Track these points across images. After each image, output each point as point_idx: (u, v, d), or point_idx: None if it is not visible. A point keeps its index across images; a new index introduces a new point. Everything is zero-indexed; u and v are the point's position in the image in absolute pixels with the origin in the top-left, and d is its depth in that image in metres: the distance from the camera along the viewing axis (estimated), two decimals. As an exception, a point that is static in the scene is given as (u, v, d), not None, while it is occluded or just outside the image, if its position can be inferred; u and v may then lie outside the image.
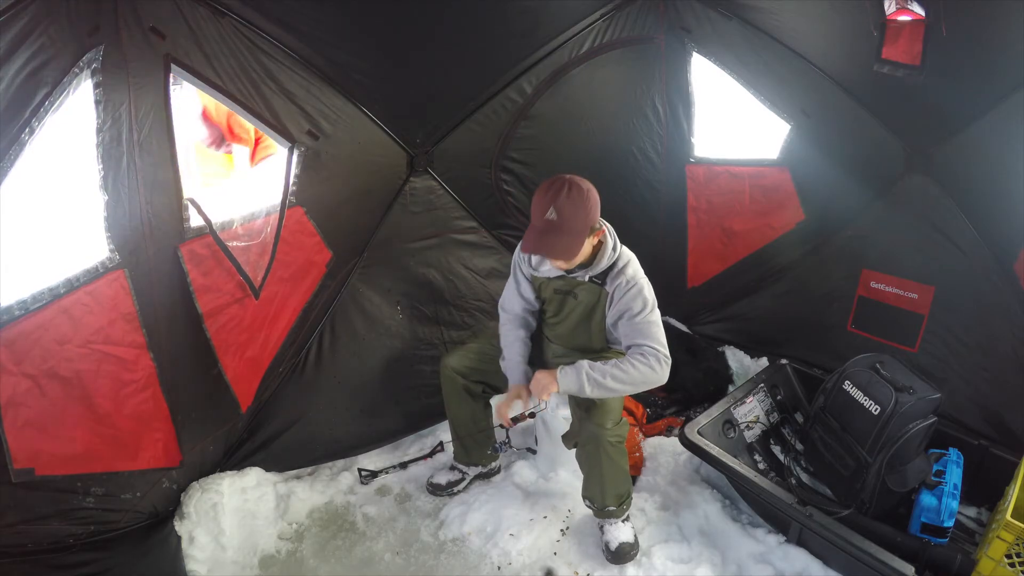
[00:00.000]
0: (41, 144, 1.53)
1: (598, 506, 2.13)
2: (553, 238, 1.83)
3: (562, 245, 1.84)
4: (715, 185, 3.02)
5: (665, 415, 2.86)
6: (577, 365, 1.91)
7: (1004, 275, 2.27)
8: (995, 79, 2.01)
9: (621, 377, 1.86)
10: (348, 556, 2.21)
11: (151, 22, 1.73)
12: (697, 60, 2.82)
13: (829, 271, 2.83)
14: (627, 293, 1.94)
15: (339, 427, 2.59)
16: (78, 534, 1.87)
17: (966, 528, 2.20)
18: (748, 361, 3.10)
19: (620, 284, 1.95)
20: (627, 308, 1.93)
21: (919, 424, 2.06)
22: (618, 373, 1.86)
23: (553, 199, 1.81)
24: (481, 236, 2.92)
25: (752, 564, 2.07)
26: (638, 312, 1.92)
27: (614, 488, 2.08)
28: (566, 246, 1.85)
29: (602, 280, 2.00)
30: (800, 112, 2.64)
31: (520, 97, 2.68)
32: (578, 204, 1.82)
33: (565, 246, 1.85)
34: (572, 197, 1.81)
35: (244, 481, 2.28)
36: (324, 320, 2.56)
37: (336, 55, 2.18)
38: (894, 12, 2.08)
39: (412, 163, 2.60)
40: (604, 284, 1.99)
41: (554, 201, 1.80)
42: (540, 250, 1.87)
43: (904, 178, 2.46)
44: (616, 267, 1.98)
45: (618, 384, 1.87)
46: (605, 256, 1.96)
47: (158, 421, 2.04)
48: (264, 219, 2.20)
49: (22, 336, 1.60)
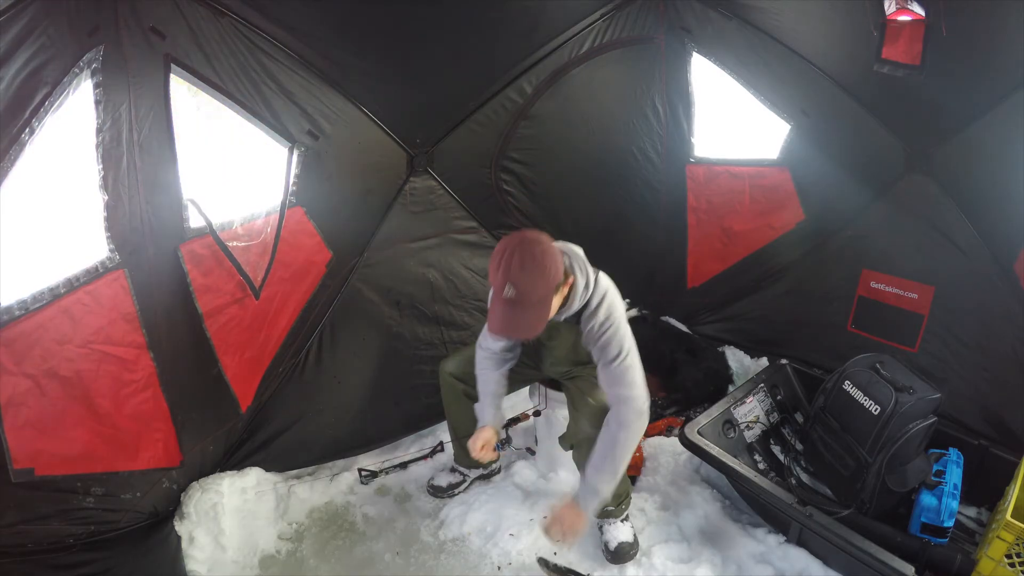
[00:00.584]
0: (41, 144, 1.53)
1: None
2: (517, 315, 1.68)
3: (527, 321, 1.70)
4: (715, 185, 3.02)
5: (665, 415, 2.86)
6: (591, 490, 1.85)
7: (1004, 275, 2.27)
8: (995, 79, 2.01)
9: (620, 464, 1.85)
10: (348, 556, 2.21)
11: (151, 22, 1.73)
12: (697, 60, 2.82)
13: (829, 271, 2.83)
14: (601, 337, 1.84)
15: (339, 427, 2.59)
16: (78, 534, 1.86)
17: (966, 528, 2.20)
18: (748, 361, 3.10)
19: (593, 327, 1.84)
20: (602, 354, 1.86)
21: (919, 424, 2.06)
22: (617, 464, 1.84)
23: (506, 276, 1.63)
24: (481, 236, 2.92)
25: (752, 564, 2.07)
26: (612, 359, 1.83)
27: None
28: (532, 321, 1.70)
29: (577, 319, 1.91)
30: (800, 112, 2.64)
31: (520, 97, 2.68)
32: (534, 274, 1.63)
33: (531, 321, 1.70)
34: (526, 268, 1.62)
35: (244, 481, 2.28)
36: (324, 320, 2.56)
37: (336, 55, 2.18)
38: (894, 12, 2.08)
39: (412, 163, 2.60)
40: (579, 323, 1.89)
41: (508, 277, 1.63)
42: (506, 332, 1.74)
43: (904, 178, 2.46)
44: (590, 306, 1.85)
45: (623, 464, 1.86)
46: (576, 298, 1.83)
47: (158, 421, 2.04)
48: (264, 219, 2.20)
49: (22, 336, 1.60)
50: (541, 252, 1.66)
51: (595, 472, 1.86)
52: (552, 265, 1.67)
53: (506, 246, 1.66)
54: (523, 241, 1.66)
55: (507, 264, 1.63)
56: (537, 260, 1.64)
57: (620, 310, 1.88)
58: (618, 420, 1.83)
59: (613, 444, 1.83)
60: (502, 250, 1.66)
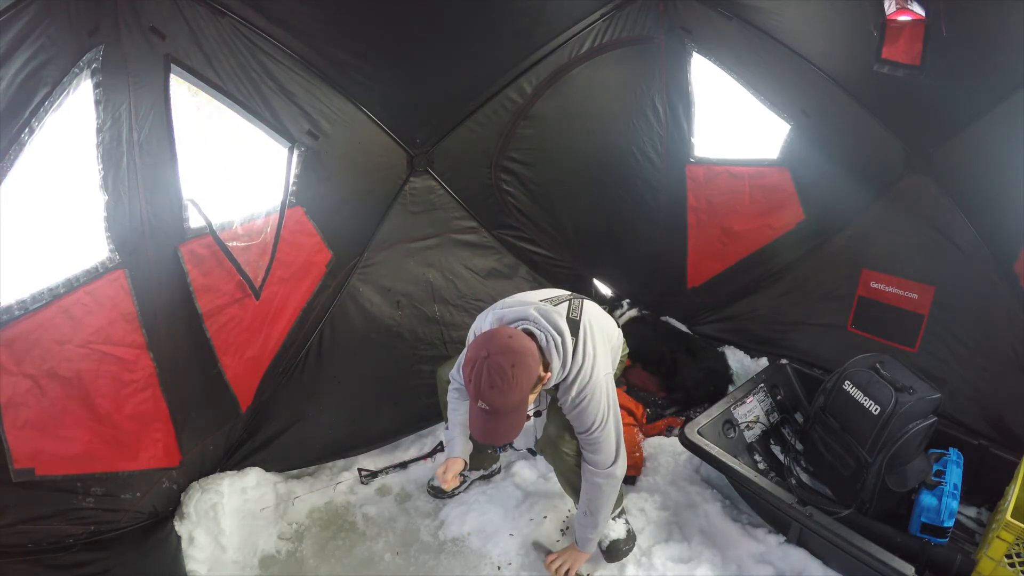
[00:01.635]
0: (41, 144, 1.53)
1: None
2: (495, 424, 1.68)
3: (505, 428, 1.70)
4: (715, 185, 3.02)
5: (665, 415, 2.86)
6: (584, 538, 2.01)
7: (1004, 275, 2.27)
8: (995, 79, 2.00)
9: (600, 518, 1.96)
10: (348, 556, 2.21)
11: (151, 22, 1.74)
12: (697, 60, 2.81)
13: (829, 271, 2.82)
14: (574, 410, 1.83)
15: (339, 427, 2.59)
16: (78, 534, 1.86)
17: (966, 528, 2.20)
18: (748, 361, 3.10)
19: (566, 402, 1.84)
20: (578, 424, 1.86)
21: (919, 424, 2.05)
22: (597, 519, 1.96)
23: (475, 392, 1.63)
24: (481, 236, 2.92)
25: (752, 564, 2.07)
26: (586, 430, 1.85)
27: None
28: (509, 426, 1.70)
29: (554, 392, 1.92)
30: (800, 112, 2.64)
31: (520, 97, 2.68)
32: (504, 390, 1.61)
33: (508, 427, 1.70)
34: (497, 387, 1.60)
35: (244, 481, 2.28)
36: (324, 320, 2.56)
37: (336, 55, 2.18)
38: (894, 12, 2.08)
39: (412, 163, 2.60)
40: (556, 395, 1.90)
41: (478, 394, 1.63)
42: (487, 439, 1.73)
43: (904, 178, 2.45)
44: (566, 382, 1.82)
45: (603, 517, 1.97)
46: (553, 378, 1.79)
47: (158, 421, 2.04)
48: (264, 219, 2.20)
49: (22, 336, 1.60)
50: (510, 366, 1.61)
51: (581, 527, 2.00)
52: (523, 375, 1.63)
53: (475, 356, 1.63)
54: (491, 354, 1.61)
55: (477, 381, 1.61)
56: (506, 376, 1.60)
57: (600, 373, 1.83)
58: (591, 481, 1.91)
59: (589, 502, 1.95)
60: (472, 360, 1.63)
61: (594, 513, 1.95)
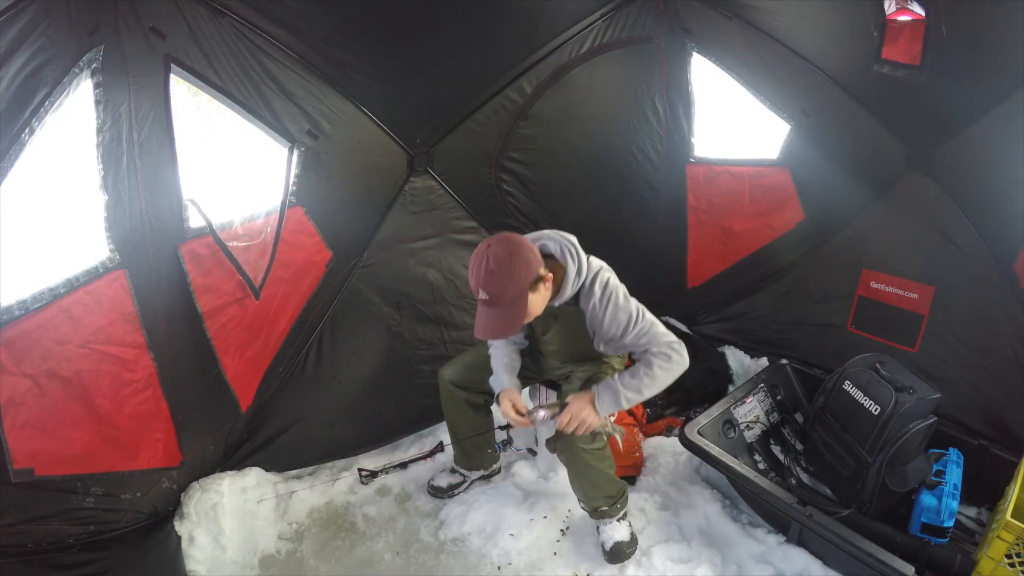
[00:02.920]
0: (41, 144, 1.53)
1: (590, 508, 2.13)
2: (493, 316, 1.74)
3: (503, 322, 1.74)
4: (715, 185, 3.02)
5: (665, 415, 2.86)
6: (612, 387, 1.89)
7: (1004, 275, 2.27)
8: (995, 79, 2.00)
9: (653, 386, 1.89)
10: (348, 556, 2.21)
11: (151, 22, 1.74)
12: (697, 60, 2.82)
13: (829, 271, 2.83)
14: (605, 313, 1.88)
15: (339, 427, 2.59)
16: (78, 534, 1.87)
17: (966, 528, 2.20)
18: (748, 361, 3.10)
19: (595, 304, 1.88)
20: (614, 330, 1.88)
21: (919, 424, 2.06)
22: (648, 382, 1.88)
23: (476, 280, 1.71)
24: (481, 236, 2.92)
25: (752, 564, 2.07)
26: (624, 329, 1.87)
27: (601, 491, 2.07)
28: (508, 321, 1.74)
29: (576, 302, 1.94)
30: (800, 112, 2.64)
31: (520, 97, 2.68)
32: (502, 277, 1.68)
33: (506, 321, 1.74)
34: (494, 272, 1.67)
35: (244, 481, 2.28)
36: (324, 320, 2.56)
37: (336, 55, 2.18)
38: (894, 12, 2.08)
39: (412, 163, 2.60)
40: (579, 303, 1.93)
41: (478, 282, 1.70)
42: (486, 334, 1.79)
43: (904, 178, 2.46)
44: (585, 287, 1.89)
45: (653, 391, 1.89)
46: (569, 285, 1.86)
47: (158, 421, 2.04)
48: (264, 219, 2.20)
49: (22, 336, 1.60)
50: (508, 255, 1.69)
51: (627, 386, 1.89)
52: (521, 266, 1.70)
53: (478, 250, 1.73)
54: (491, 244, 1.72)
55: (477, 269, 1.71)
56: (503, 263, 1.68)
57: (615, 283, 1.91)
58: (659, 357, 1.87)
59: (654, 370, 1.87)
60: (475, 255, 1.73)
61: (650, 378, 1.87)
